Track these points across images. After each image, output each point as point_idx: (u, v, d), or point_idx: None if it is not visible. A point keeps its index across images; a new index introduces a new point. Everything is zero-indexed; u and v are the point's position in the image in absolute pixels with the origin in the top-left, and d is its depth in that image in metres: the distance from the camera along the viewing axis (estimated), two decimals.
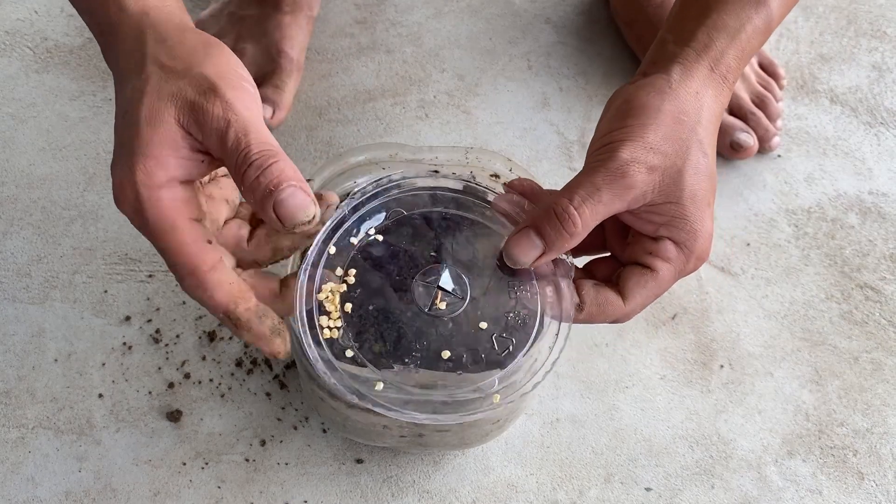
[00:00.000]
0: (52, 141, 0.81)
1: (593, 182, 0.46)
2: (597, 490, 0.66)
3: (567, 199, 0.46)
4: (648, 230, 0.48)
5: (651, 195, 0.47)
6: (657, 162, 0.46)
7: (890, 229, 0.78)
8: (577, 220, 0.46)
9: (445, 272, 0.50)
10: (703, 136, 0.47)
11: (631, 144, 0.46)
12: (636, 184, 0.46)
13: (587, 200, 0.46)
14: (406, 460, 0.66)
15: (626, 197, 0.46)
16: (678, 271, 0.48)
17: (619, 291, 0.48)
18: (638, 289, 0.48)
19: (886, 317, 0.74)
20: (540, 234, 0.47)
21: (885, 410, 0.70)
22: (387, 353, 0.49)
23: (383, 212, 0.51)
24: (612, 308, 0.48)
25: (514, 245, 0.47)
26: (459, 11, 0.90)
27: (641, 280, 0.48)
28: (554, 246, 0.47)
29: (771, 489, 0.66)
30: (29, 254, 0.75)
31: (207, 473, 0.66)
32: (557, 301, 0.49)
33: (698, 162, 0.47)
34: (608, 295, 0.48)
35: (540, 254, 0.47)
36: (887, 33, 0.90)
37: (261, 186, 0.42)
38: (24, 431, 0.67)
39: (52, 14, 0.89)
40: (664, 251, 0.48)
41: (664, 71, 0.49)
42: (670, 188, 0.46)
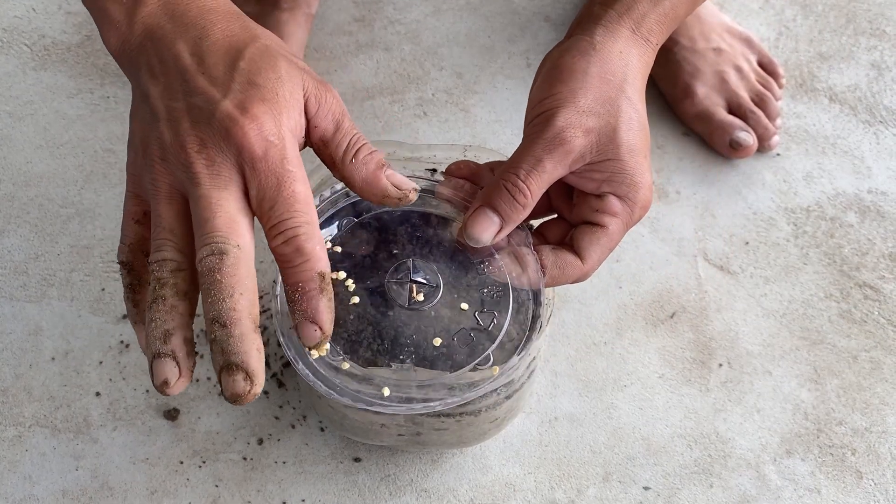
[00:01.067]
0: (49, 138, 0.81)
1: (534, 153, 0.48)
2: (595, 489, 0.66)
3: (513, 173, 0.49)
4: (591, 188, 0.51)
5: (590, 156, 0.49)
6: (592, 124, 0.48)
7: (889, 228, 0.78)
8: (526, 191, 0.48)
9: (413, 266, 0.52)
10: (631, 93, 0.50)
11: (564, 111, 0.48)
12: (574, 148, 0.48)
13: (532, 172, 0.48)
14: (404, 459, 0.66)
15: (566, 161, 0.49)
16: (625, 223, 0.51)
17: (576, 252, 0.51)
18: (592, 247, 0.51)
19: (885, 315, 0.74)
20: (495, 210, 0.49)
21: (883, 409, 0.70)
22: (381, 356, 0.50)
23: (335, 221, 0.52)
24: (572, 269, 0.51)
25: (472, 225, 0.50)
26: (458, 9, 0.90)
27: (594, 238, 0.51)
28: (510, 219, 0.49)
29: (769, 488, 0.66)
30: (26, 252, 0.75)
31: (205, 472, 0.65)
32: (523, 270, 0.51)
33: (630, 118, 0.49)
34: (566, 257, 0.51)
35: (498, 229, 0.50)
36: (886, 32, 0.90)
37: (374, 160, 0.47)
38: (21, 430, 0.67)
39: (50, 11, 0.88)
40: (610, 206, 0.50)
41: (587, 33, 0.51)
42: (607, 146, 0.49)
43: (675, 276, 0.75)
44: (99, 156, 0.80)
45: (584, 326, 0.73)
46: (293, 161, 0.43)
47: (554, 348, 0.71)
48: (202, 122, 0.42)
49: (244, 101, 0.42)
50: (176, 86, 0.43)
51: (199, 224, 0.42)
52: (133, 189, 0.45)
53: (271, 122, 0.42)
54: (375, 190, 0.47)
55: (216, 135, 0.42)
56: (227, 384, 0.40)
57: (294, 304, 0.43)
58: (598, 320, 0.73)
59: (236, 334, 0.40)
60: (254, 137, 0.42)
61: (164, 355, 0.41)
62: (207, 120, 0.42)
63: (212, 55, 0.44)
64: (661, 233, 0.77)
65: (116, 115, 0.82)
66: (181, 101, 0.43)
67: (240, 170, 0.42)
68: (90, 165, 0.79)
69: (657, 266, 0.76)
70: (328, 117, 0.46)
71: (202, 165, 0.42)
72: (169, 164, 0.43)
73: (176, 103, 0.43)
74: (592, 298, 0.74)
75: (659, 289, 0.74)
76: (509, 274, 0.52)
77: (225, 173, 0.42)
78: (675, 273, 0.75)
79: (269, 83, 0.43)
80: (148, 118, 0.44)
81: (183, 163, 0.42)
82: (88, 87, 0.84)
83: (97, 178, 0.79)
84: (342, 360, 0.49)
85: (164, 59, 0.44)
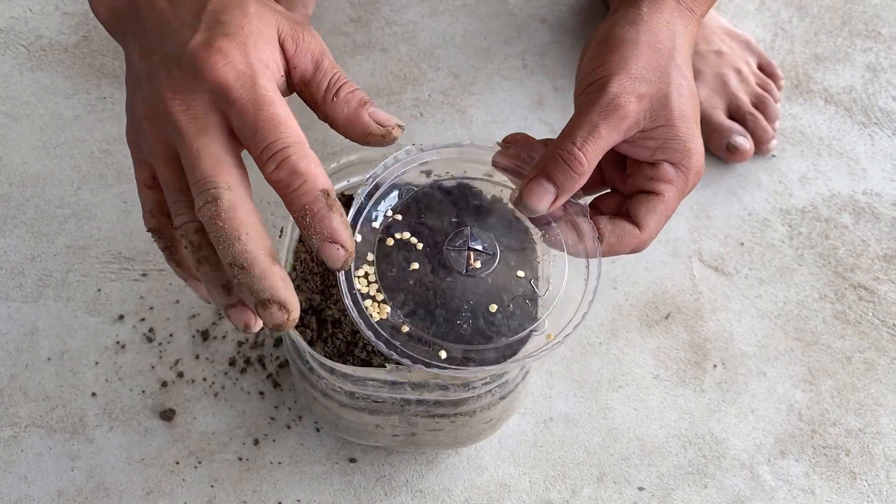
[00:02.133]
0: (45, 139, 0.81)
1: (590, 120, 0.48)
2: (590, 489, 0.66)
3: (570, 141, 0.48)
4: (645, 156, 0.51)
5: (644, 122, 0.49)
6: (644, 90, 0.49)
7: (883, 229, 0.78)
8: (582, 159, 0.48)
9: (471, 234, 0.53)
10: (680, 61, 0.50)
11: (617, 78, 0.49)
12: (629, 113, 0.48)
13: (588, 139, 0.48)
14: (399, 459, 0.66)
15: (621, 128, 0.49)
16: (680, 190, 0.51)
17: (633, 221, 0.51)
18: (650, 215, 0.51)
19: (880, 317, 0.74)
20: (550, 180, 0.49)
21: (877, 410, 0.70)
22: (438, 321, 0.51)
23: (395, 191, 0.53)
24: (630, 237, 0.51)
25: (527, 194, 0.50)
26: (454, 10, 0.90)
27: (650, 206, 0.51)
28: (565, 188, 0.49)
29: (764, 489, 0.66)
30: (22, 252, 0.75)
31: (200, 472, 0.66)
32: (580, 239, 0.51)
33: (680, 84, 0.50)
34: (624, 225, 0.51)
35: (553, 198, 0.50)
36: (882, 33, 0.90)
37: (356, 98, 0.46)
38: (17, 430, 0.67)
39: (47, 12, 0.88)
40: (664, 173, 0.50)
41: (633, 6, 0.51)
42: (660, 112, 0.49)
43: (670, 277, 0.75)
44: (95, 156, 0.80)
45: (579, 327, 0.73)
46: (267, 87, 0.42)
47: None
48: (174, 67, 0.42)
49: (209, 38, 0.42)
50: (154, 41, 0.43)
51: (188, 174, 0.41)
52: (137, 157, 0.45)
53: (238, 54, 0.42)
54: (358, 128, 0.46)
55: (187, 76, 0.42)
56: (266, 318, 0.41)
57: (308, 230, 0.42)
58: (593, 321, 0.73)
59: (257, 273, 0.40)
60: (221, 69, 0.41)
61: (232, 306, 0.42)
62: (178, 64, 0.42)
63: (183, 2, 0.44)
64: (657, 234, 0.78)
65: (113, 115, 0.82)
66: (158, 54, 0.43)
67: (216, 107, 0.42)
68: (87, 166, 0.79)
69: (652, 267, 0.76)
70: (307, 56, 0.45)
71: (180, 112, 0.41)
72: (156, 121, 0.42)
73: (154, 58, 0.43)
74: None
75: (654, 289, 0.75)
76: (565, 242, 0.52)
77: (202, 115, 0.42)
78: (670, 274, 0.75)
79: (234, 20, 0.43)
80: (133, 80, 0.44)
81: (164, 115, 0.42)
82: (85, 87, 0.84)
83: (94, 178, 0.79)
84: (402, 323, 0.50)
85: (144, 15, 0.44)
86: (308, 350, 0.55)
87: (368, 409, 0.58)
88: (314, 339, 0.58)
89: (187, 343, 0.71)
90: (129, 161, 0.80)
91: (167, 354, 0.70)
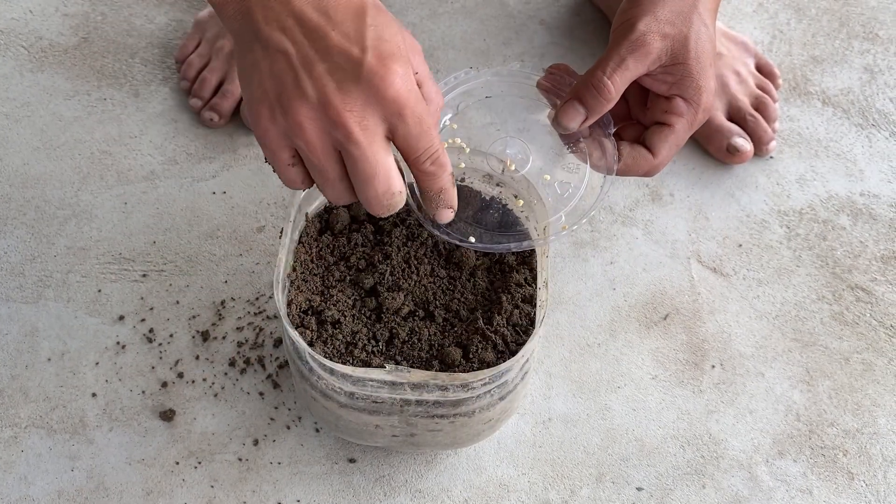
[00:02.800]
0: (46, 140, 0.81)
1: (619, 53, 0.57)
2: (588, 490, 0.66)
3: (600, 70, 0.57)
4: (662, 90, 0.59)
5: (664, 58, 0.57)
6: (668, 30, 0.57)
7: (881, 230, 0.79)
8: (610, 87, 0.57)
9: (510, 142, 0.62)
10: (703, 11, 0.58)
11: (645, 18, 0.57)
12: (652, 50, 0.56)
13: (616, 69, 0.57)
14: (398, 460, 0.67)
15: (645, 62, 0.57)
16: (690, 123, 0.59)
17: (648, 148, 0.60)
18: (661, 143, 0.59)
19: (877, 318, 0.74)
20: (582, 103, 0.58)
21: (875, 411, 0.70)
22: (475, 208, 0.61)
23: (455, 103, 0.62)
24: (644, 160, 0.60)
25: (562, 114, 0.58)
26: (454, 12, 0.90)
27: (662, 136, 0.59)
28: (594, 110, 0.58)
29: (762, 489, 0.66)
30: (22, 253, 0.75)
31: (200, 473, 0.66)
32: (602, 155, 0.60)
33: (699, 30, 0.58)
34: (640, 150, 0.60)
35: (583, 118, 0.58)
36: (879, 35, 0.90)
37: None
38: (17, 430, 0.67)
39: (47, 13, 0.89)
40: (677, 107, 0.59)
41: None
42: (679, 51, 0.57)
43: (669, 278, 0.75)
44: (96, 157, 0.80)
45: (578, 328, 0.73)
46: (422, 98, 0.49)
47: (548, 350, 0.72)
48: (348, 81, 0.47)
49: (381, 57, 0.47)
50: (310, 43, 0.47)
51: (363, 180, 0.49)
52: (275, 140, 0.49)
53: (408, 71, 0.48)
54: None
55: (364, 92, 0.47)
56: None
57: (436, 202, 0.53)
58: (592, 322, 0.73)
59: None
60: (400, 88, 0.47)
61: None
62: (354, 79, 0.47)
63: (338, 12, 0.47)
64: (655, 235, 0.78)
65: (113, 116, 0.83)
66: (320, 61, 0.47)
67: (385, 119, 0.48)
68: (87, 167, 0.80)
69: (651, 268, 0.76)
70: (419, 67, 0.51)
71: (355, 125, 0.47)
72: (321, 122, 0.47)
73: (316, 63, 0.47)
74: (586, 300, 0.74)
75: (652, 291, 0.75)
76: (589, 156, 0.60)
77: (373, 128, 0.48)
78: (669, 275, 0.76)
79: (394, 37, 0.48)
80: (282, 75, 0.47)
81: (336, 123, 0.47)
82: (85, 89, 0.84)
83: (94, 179, 0.79)
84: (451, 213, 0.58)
85: (290, 12, 0.47)
86: (308, 351, 0.55)
87: (368, 410, 0.58)
88: (314, 340, 0.58)
89: (187, 344, 0.71)
90: (128, 162, 0.80)
91: (167, 355, 0.70)
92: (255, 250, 0.76)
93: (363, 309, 0.60)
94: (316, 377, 0.57)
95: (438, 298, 0.61)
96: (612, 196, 0.79)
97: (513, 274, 0.62)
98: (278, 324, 0.72)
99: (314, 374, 0.57)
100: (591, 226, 0.78)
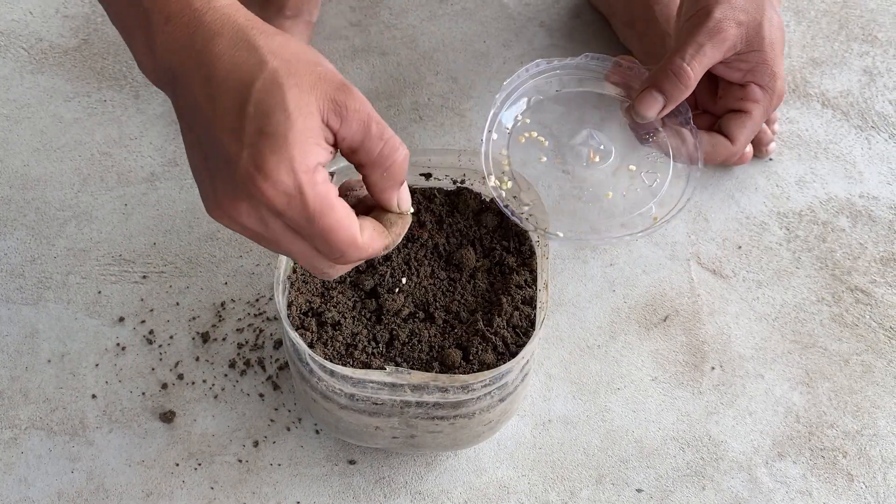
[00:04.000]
0: (46, 142, 0.81)
1: (697, 40, 0.58)
2: (588, 491, 0.66)
3: (679, 57, 0.58)
4: (736, 78, 0.60)
5: (739, 45, 0.58)
6: (743, 18, 0.58)
7: (880, 232, 0.79)
8: (690, 73, 0.58)
9: (591, 134, 0.63)
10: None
11: (720, 6, 0.58)
12: (729, 37, 0.58)
13: (695, 56, 0.58)
14: (398, 461, 0.67)
15: (721, 49, 0.58)
16: (765, 109, 0.61)
17: (725, 135, 0.61)
18: (740, 130, 0.61)
19: (877, 319, 0.74)
20: (661, 91, 0.59)
21: (874, 412, 0.70)
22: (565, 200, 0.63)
23: (524, 97, 0.63)
24: (723, 147, 0.61)
25: (640, 103, 0.59)
26: (454, 14, 0.90)
27: (740, 122, 0.61)
28: (672, 97, 0.59)
29: (761, 490, 0.66)
30: (22, 254, 0.75)
31: (200, 474, 0.66)
32: (683, 144, 0.61)
33: (772, 17, 0.59)
34: (718, 137, 0.61)
35: (662, 107, 0.59)
36: (878, 38, 0.90)
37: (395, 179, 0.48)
38: (17, 432, 0.67)
39: (48, 15, 0.89)
40: (753, 94, 0.60)
41: None
42: (753, 38, 0.58)
43: (669, 280, 0.76)
44: (96, 159, 0.80)
45: (578, 329, 0.73)
46: (316, 199, 0.44)
47: (548, 351, 0.72)
48: (228, 180, 0.44)
49: (256, 157, 0.43)
50: (201, 132, 0.44)
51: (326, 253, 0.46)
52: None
53: (285, 173, 0.43)
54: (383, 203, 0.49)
55: (242, 194, 0.44)
56: None
57: None
58: (592, 323, 0.73)
59: None
60: (272, 196, 0.43)
61: None
62: (231, 179, 0.44)
63: (222, 97, 0.44)
64: (655, 237, 0.78)
65: (113, 118, 0.83)
66: (208, 155, 0.44)
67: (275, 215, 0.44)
68: (87, 169, 0.80)
69: (650, 270, 0.76)
70: (353, 126, 0.46)
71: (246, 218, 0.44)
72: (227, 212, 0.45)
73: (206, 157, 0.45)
74: (586, 302, 0.74)
75: (652, 292, 0.75)
76: (670, 146, 0.61)
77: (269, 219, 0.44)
78: (669, 277, 0.76)
79: (278, 128, 0.43)
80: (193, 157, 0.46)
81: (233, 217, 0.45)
82: (85, 90, 0.84)
83: (94, 181, 0.79)
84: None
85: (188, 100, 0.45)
86: (308, 352, 0.55)
87: (368, 412, 0.58)
88: (314, 342, 0.58)
89: (187, 345, 0.71)
90: (128, 164, 0.80)
91: (167, 356, 0.70)
92: (255, 252, 0.76)
93: (363, 310, 0.60)
94: (316, 379, 0.57)
95: (439, 300, 0.61)
96: None
97: (513, 276, 0.62)
98: (278, 325, 0.72)
99: (314, 376, 0.57)
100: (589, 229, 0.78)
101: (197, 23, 0.45)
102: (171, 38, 0.45)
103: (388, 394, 0.56)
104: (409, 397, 0.56)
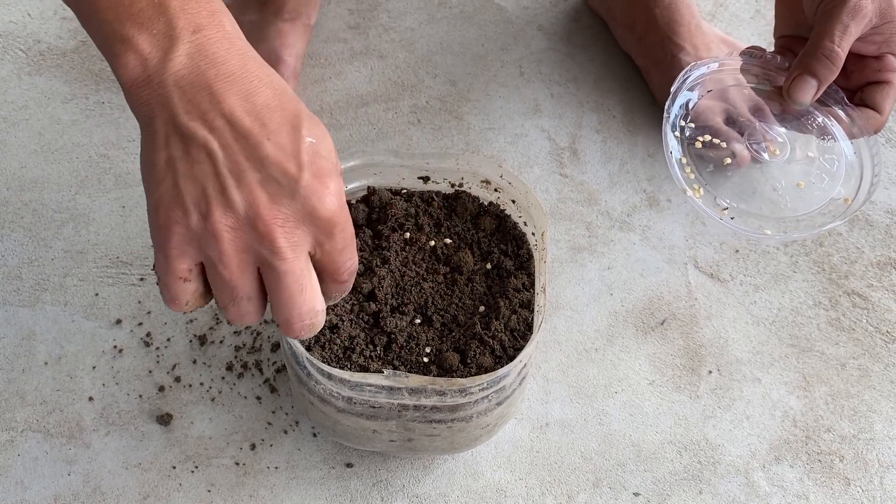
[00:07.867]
0: (44, 143, 0.81)
1: (841, 21, 0.60)
2: (585, 495, 0.66)
3: (828, 40, 0.60)
4: (871, 51, 0.62)
5: (875, 20, 0.61)
6: None
7: (877, 237, 0.79)
8: (840, 53, 0.60)
9: (763, 128, 0.65)
10: None
11: None
12: (868, 13, 0.60)
13: (843, 36, 0.60)
14: (396, 465, 0.67)
15: (861, 25, 0.60)
16: None
17: (870, 107, 0.63)
18: (885, 99, 0.63)
19: (874, 323, 0.74)
20: (813, 75, 0.61)
21: (871, 416, 0.70)
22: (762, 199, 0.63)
23: (681, 101, 0.65)
24: (874, 119, 0.63)
25: (795, 90, 0.61)
26: (452, 18, 0.90)
27: (884, 93, 0.63)
28: (825, 80, 0.61)
29: (758, 494, 0.67)
30: (20, 256, 0.75)
31: (197, 477, 0.66)
32: (844, 123, 0.63)
33: None
34: (867, 111, 0.63)
35: (815, 90, 0.61)
36: None
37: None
38: (14, 434, 0.67)
39: (46, 17, 0.89)
40: (891, 64, 0.62)
41: None
42: (886, 11, 0.61)
43: (666, 284, 0.76)
44: (94, 161, 0.80)
45: (576, 333, 0.73)
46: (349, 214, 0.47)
47: (545, 355, 0.72)
48: (283, 196, 0.43)
49: (320, 174, 0.44)
50: (241, 148, 0.43)
51: (287, 297, 0.45)
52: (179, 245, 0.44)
53: (341, 189, 0.45)
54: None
55: (299, 210, 0.44)
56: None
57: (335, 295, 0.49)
58: (590, 327, 0.73)
59: None
60: (335, 208, 0.45)
61: None
62: (290, 195, 0.44)
63: (273, 120, 0.44)
64: (652, 240, 0.78)
65: (111, 120, 0.83)
66: (252, 170, 0.43)
67: (314, 236, 0.45)
68: (85, 171, 0.80)
69: (648, 273, 0.76)
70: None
71: (284, 241, 0.44)
72: (243, 234, 0.44)
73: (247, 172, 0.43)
74: (584, 305, 0.74)
75: (650, 296, 0.75)
76: (837, 127, 0.63)
77: (301, 245, 0.45)
78: (666, 280, 0.76)
79: (330, 154, 0.45)
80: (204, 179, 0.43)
81: (264, 237, 0.43)
82: (83, 92, 0.84)
83: (91, 183, 0.79)
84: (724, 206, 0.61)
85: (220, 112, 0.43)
86: (305, 355, 0.55)
87: (365, 415, 0.58)
88: (311, 345, 0.58)
89: (185, 348, 0.71)
90: (126, 166, 0.80)
91: (164, 359, 0.70)
92: None
93: (361, 314, 0.60)
94: (313, 382, 0.57)
95: (437, 303, 0.61)
96: (610, 201, 0.80)
97: (511, 279, 0.62)
98: (276, 328, 0.72)
99: (312, 379, 0.57)
100: (587, 231, 0.78)
101: None
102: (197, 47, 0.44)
103: (386, 397, 0.56)
104: (406, 401, 0.56)
